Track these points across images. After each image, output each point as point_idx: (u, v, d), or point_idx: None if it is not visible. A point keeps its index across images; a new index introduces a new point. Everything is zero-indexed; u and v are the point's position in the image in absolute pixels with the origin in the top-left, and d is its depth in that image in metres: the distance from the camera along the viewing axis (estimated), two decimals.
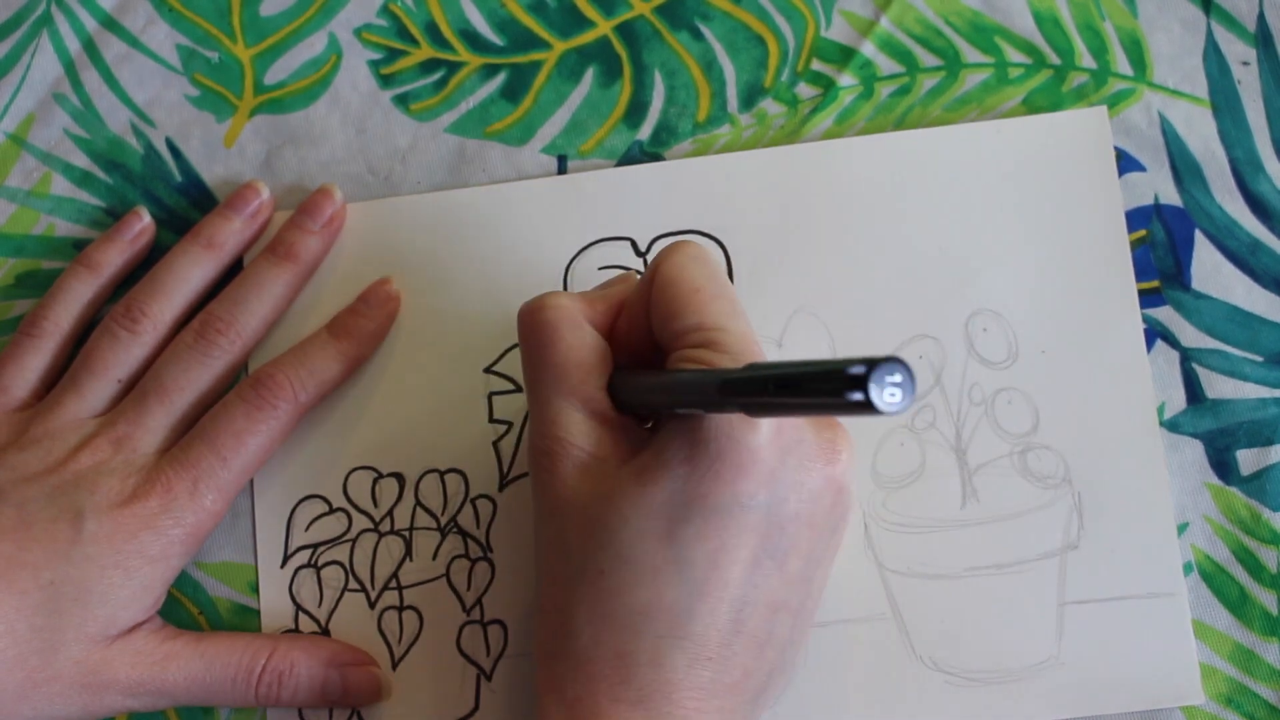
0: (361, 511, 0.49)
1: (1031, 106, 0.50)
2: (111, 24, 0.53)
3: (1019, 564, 0.46)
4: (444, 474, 0.49)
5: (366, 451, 0.49)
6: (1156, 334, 0.48)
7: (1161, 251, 0.48)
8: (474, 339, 0.49)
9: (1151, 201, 0.49)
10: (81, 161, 0.52)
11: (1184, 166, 0.49)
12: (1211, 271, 0.48)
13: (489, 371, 0.49)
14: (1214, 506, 0.47)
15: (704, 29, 0.51)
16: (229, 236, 0.50)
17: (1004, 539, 0.46)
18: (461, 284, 0.50)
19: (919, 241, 0.49)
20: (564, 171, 0.51)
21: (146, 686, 0.45)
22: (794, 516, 0.39)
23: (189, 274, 0.49)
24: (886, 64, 0.51)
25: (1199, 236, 0.48)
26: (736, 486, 0.38)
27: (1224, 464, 0.47)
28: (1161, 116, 0.49)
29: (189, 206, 0.52)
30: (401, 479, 0.49)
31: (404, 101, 0.52)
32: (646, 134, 0.51)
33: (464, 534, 0.48)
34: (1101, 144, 0.49)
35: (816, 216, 0.49)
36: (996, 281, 0.48)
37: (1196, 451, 0.47)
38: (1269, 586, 0.46)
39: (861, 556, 0.47)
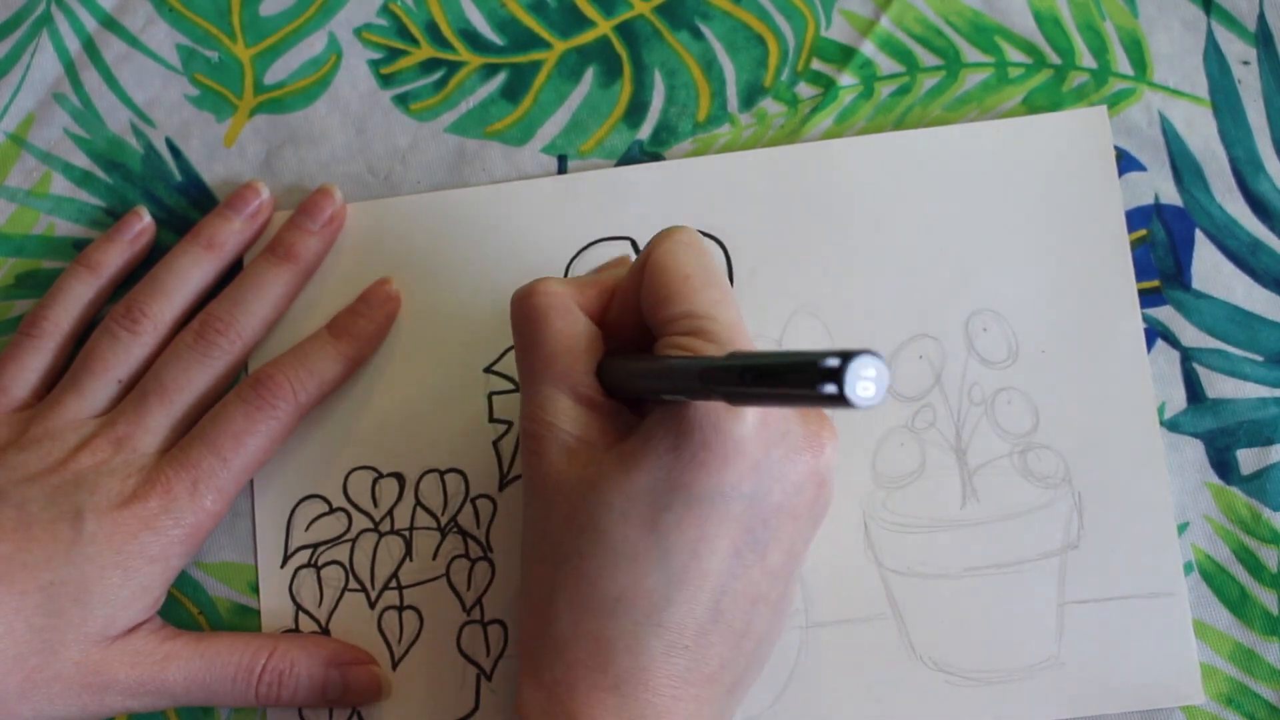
0: (361, 511, 0.49)
1: (1031, 106, 0.50)
2: (111, 24, 0.53)
3: (1019, 564, 0.46)
4: (444, 474, 0.49)
5: (366, 451, 0.49)
6: (1157, 334, 0.48)
7: (1162, 251, 0.48)
8: (474, 339, 0.49)
9: (1152, 201, 0.49)
10: (81, 161, 0.52)
11: (1184, 166, 0.49)
12: (1212, 271, 0.48)
13: (489, 371, 0.49)
14: (1214, 506, 0.47)
15: (704, 29, 0.51)
16: (229, 237, 0.50)
17: (1004, 539, 0.46)
18: (461, 284, 0.50)
19: (919, 241, 0.49)
20: (564, 171, 0.51)
21: (146, 687, 0.45)
22: (777, 508, 0.39)
23: (189, 274, 0.49)
24: (886, 64, 0.51)
25: (1199, 236, 0.48)
26: (720, 476, 0.38)
27: (1224, 464, 0.47)
28: (1162, 116, 0.49)
29: (189, 206, 0.52)
30: (401, 479, 0.49)
31: (404, 101, 0.52)
32: (646, 134, 0.51)
33: (464, 534, 0.48)
34: (1102, 144, 0.49)
35: (816, 216, 0.49)
36: (996, 281, 0.48)
37: (1197, 451, 0.47)
38: (1269, 586, 0.46)
39: (861, 556, 0.47)
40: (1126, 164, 0.49)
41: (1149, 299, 0.48)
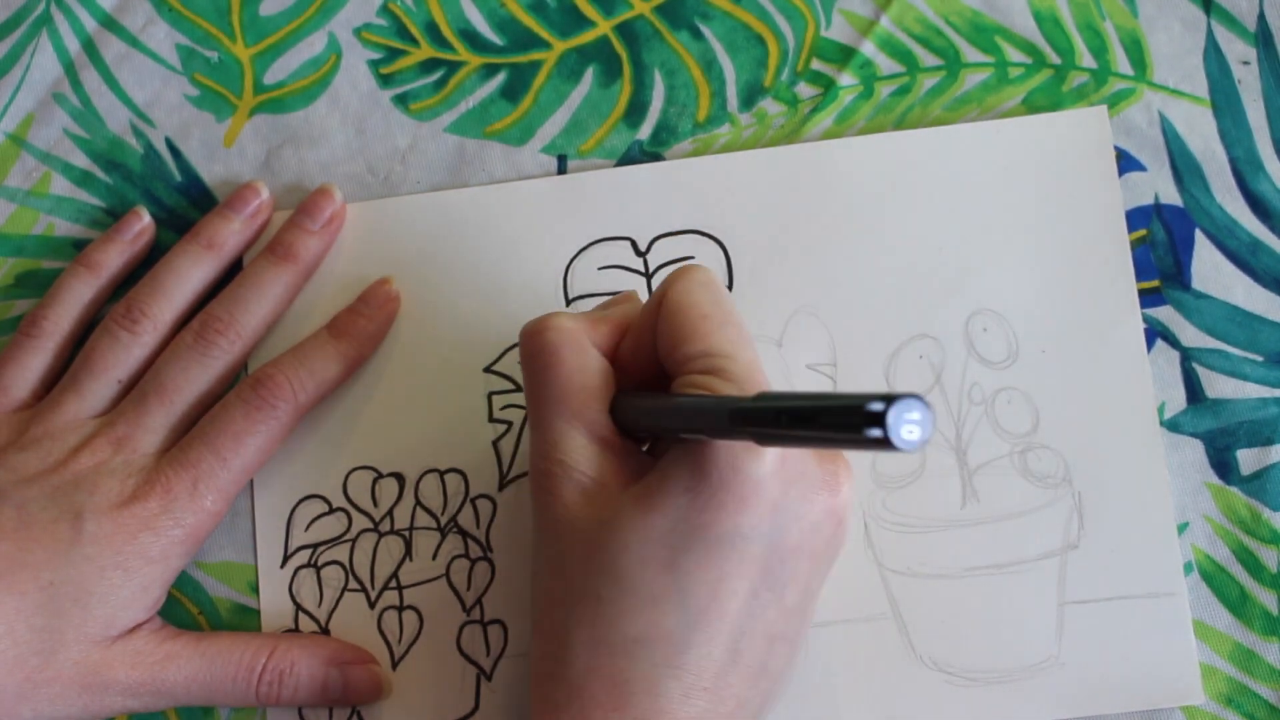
0: (361, 511, 0.49)
1: (1031, 106, 0.50)
2: (111, 24, 0.53)
3: (1019, 564, 0.46)
4: (444, 474, 0.49)
5: (366, 451, 0.49)
6: (1156, 334, 0.48)
7: (1161, 251, 0.48)
8: (474, 339, 0.49)
9: (1151, 201, 0.49)
10: (81, 161, 0.52)
11: (1184, 166, 0.49)
12: (1212, 271, 0.48)
13: (489, 371, 0.49)
14: (1214, 506, 0.47)
15: (704, 28, 0.51)
16: (229, 236, 0.50)
17: (1004, 539, 0.46)
18: (461, 284, 0.50)
19: (919, 241, 0.49)
20: (564, 171, 0.51)
21: (146, 687, 0.45)
22: (795, 548, 0.39)
23: (189, 274, 0.49)
24: (886, 64, 0.51)
25: (1199, 236, 0.48)
26: (739, 518, 0.38)
27: (1224, 464, 0.47)
28: (1162, 116, 0.49)
29: (189, 206, 0.52)
30: (401, 479, 0.49)
31: (404, 101, 0.52)
32: (646, 134, 0.51)
33: (464, 534, 0.48)
34: (1101, 144, 0.49)
35: (816, 216, 0.49)
36: (996, 281, 0.48)
37: (1197, 451, 0.47)
38: (1269, 586, 0.46)
39: (861, 556, 0.47)
40: (1126, 164, 0.49)
41: (1149, 299, 0.48)
